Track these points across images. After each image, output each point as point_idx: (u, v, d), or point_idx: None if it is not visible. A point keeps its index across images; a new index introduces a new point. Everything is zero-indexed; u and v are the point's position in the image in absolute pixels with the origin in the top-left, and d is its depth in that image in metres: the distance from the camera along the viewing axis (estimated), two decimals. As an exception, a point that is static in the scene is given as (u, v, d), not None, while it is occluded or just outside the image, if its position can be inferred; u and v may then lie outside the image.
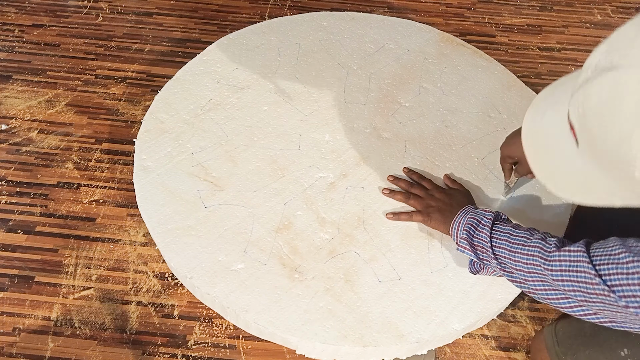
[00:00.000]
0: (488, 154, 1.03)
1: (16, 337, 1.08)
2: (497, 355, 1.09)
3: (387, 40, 1.24)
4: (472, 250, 0.79)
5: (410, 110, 1.09)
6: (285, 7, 1.84)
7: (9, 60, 1.60)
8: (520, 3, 1.93)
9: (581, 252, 0.65)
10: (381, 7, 1.86)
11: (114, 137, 1.43)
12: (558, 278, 0.67)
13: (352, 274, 0.85)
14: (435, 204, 0.90)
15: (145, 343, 1.08)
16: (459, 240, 0.81)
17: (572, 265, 0.65)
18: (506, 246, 0.75)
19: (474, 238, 0.79)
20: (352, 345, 0.78)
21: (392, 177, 0.97)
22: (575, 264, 0.65)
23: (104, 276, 1.17)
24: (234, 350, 1.08)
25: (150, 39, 1.69)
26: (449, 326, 0.81)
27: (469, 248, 0.80)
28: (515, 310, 1.15)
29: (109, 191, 1.32)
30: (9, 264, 1.18)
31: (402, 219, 0.91)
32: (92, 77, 1.57)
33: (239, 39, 1.21)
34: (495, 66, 1.20)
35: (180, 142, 1.01)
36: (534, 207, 0.96)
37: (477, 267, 0.82)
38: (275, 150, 1.00)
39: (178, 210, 0.91)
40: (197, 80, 1.11)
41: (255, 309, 0.81)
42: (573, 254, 0.66)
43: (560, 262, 0.67)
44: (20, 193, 1.30)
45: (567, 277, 0.66)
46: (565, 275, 0.66)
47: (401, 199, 0.94)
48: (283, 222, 0.90)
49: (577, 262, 0.65)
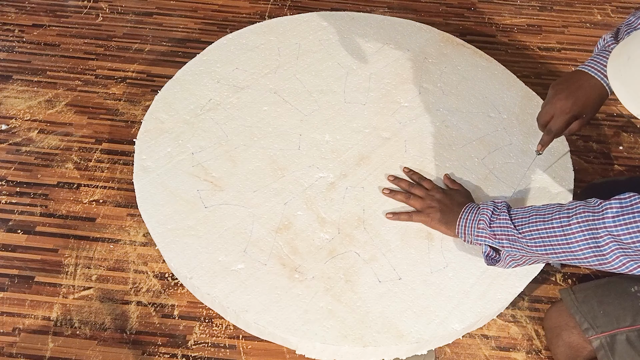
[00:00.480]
0: (488, 154, 1.03)
1: (16, 337, 1.08)
2: (497, 355, 1.09)
3: (387, 40, 1.24)
4: (493, 238, 0.79)
5: (410, 110, 1.09)
6: (285, 7, 1.83)
7: (9, 60, 1.60)
8: (520, 3, 1.93)
9: (635, 196, 0.67)
10: (381, 7, 1.86)
11: (114, 137, 1.42)
12: (611, 224, 0.67)
13: (352, 274, 0.85)
14: (435, 204, 0.90)
15: (145, 343, 1.08)
16: (477, 231, 0.81)
17: (628, 209, 0.66)
18: (538, 219, 0.75)
19: (493, 226, 0.79)
20: (352, 345, 0.78)
21: (393, 177, 0.97)
22: (631, 207, 0.66)
23: (104, 276, 1.17)
24: (234, 350, 1.08)
25: (150, 39, 1.69)
26: (449, 326, 0.81)
27: (489, 237, 0.80)
28: (515, 310, 1.15)
29: (109, 191, 1.32)
30: (9, 264, 1.18)
31: (402, 219, 0.91)
32: (92, 77, 1.57)
33: (239, 39, 1.21)
34: (495, 66, 1.20)
35: (180, 142, 1.01)
36: (536, 199, 0.96)
37: (494, 258, 0.82)
38: (275, 150, 1.00)
39: (178, 210, 0.91)
40: (197, 80, 1.11)
41: (255, 309, 0.81)
42: (626, 200, 0.67)
43: (612, 208, 0.67)
44: (20, 193, 1.30)
45: (623, 221, 0.66)
46: (619, 220, 0.66)
47: (401, 199, 0.94)
48: (283, 222, 0.90)
49: (633, 204, 0.66)
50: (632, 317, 0.89)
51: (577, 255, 0.71)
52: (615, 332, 0.89)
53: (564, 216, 0.73)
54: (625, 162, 1.45)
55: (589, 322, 0.91)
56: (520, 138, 1.06)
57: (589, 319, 0.91)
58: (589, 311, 0.92)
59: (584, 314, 0.92)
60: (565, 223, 0.72)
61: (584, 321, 0.92)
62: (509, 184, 0.99)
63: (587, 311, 0.92)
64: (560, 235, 0.72)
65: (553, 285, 1.20)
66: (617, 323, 0.90)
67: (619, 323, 0.90)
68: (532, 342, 1.11)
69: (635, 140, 1.50)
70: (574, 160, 1.20)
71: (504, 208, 0.81)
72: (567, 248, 0.72)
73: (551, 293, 1.18)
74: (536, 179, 1.00)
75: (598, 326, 0.90)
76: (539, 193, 0.98)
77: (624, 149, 1.48)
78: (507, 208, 0.81)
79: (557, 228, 0.72)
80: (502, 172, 1.00)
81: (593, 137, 1.50)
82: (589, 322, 0.91)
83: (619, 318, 0.90)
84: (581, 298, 0.94)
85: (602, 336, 0.90)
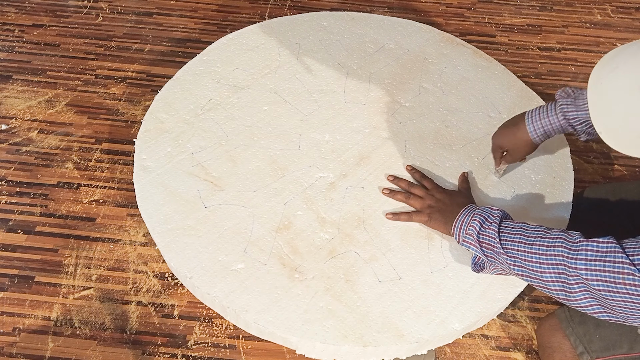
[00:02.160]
0: (488, 154, 1.03)
1: (16, 337, 1.08)
2: (497, 355, 1.09)
3: (387, 40, 1.24)
4: (478, 246, 0.79)
5: (410, 110, 1.09)
6: (285, 7, 1.84)
7: (9, 60, 1.60)
8: (520, 3, 1.93)
9: (612, 243, 0.66)
10: (381, 7, 1.86)
11: (114, 137, 1.43)
12: (582, 267, 0.66)
13: (352, 274, 0.85)
14: (435, 204, 0.90)
15: (145, 343, 1.08)
16: (464, 236, 0.81)
17: (601, 255, 0.66)
18: (521, 239, 0.75)
19: (480, 235, 0.79)
20: (352, 345, 0.78)
21: (392, 177, 0.97)
22: (605, 254, 0.65)
23: (104, 276, 1.17)
24: (234, 350, 1.08)
25: (150, 39, 1.69)
26: (449, 326, 0.81)
27: (475, 244, 0.79)
28: (515, 310, 1.15)
29: (109, 191, 1.32)
30: (9, 264, 1.18)
31: (402, 219, 0.91)
32: (92, 77, 1.57)
33: (239, 39, 1.21)
34: (495, 66, 1.20)
35: (180, 142, 1.01)
36: (535, 206, 0.96)
37: (480, 265, 0.82)
38: (275, 150, 1.00)
39: (178, 210, 0.91)
40: (197, 80, 1.11)
41: (255, 308, 0.81)
42: (603, 245, 0.66)
43: (588, 251, 0.67)
44: (20, 193, 1.30)
45: (593, 267, 0.66)
46: (590, 264, 0.66)
47: (401, 198, 0.93)
48: (283, 222, 0.90)
49: (608, 252, 0.65)
50: (629, 344, 0.87)
51: (548, 285, 0.71)
52: (610, 359, 0.87)
53: (543, 244, 0.72)
54: (625, 162, 1.45)
55: (584, 346, 0.89)
56: (520, 138, 1.06)
57: (585, 343, 0.89)
58: (585, 334, 0.90)
59: (580, 336, 0.90)
60: (543, 252, 0.72)
61: (579, 344, 0.89)
62: (509, 184, 0.99)
63: (582, 334, 0.90)
64: (536, 262, 0.72)
65: (553, 285, 1.20)
66: (613, 349, 0.87)
67: (615, 349, 0.87)
68: (532, 342, 1.11)
69: (635, 140, 1.50)
70: (574, 160, 1.20)
71: (497, 219, 0.79)
72: (540, 276, 0.72)
73: (551, 293, 1.18)
74: (536, 179, 1.00)
75: (593, 351, 0.88)
76: (539, 193, 0.98)
77: (624, 149, 1.48)
78: (500, 219, 0.80)
79: (534, 254, 0.72)
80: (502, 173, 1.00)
81: (593, 137, 1.50)
82: (584, 346, 0.89)
83: (615, 344, 0.88)
84: (577, 319, 0.92)
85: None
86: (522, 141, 0.93)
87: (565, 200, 0.97)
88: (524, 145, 0.94)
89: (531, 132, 0.92)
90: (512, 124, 0.95)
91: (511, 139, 0.94)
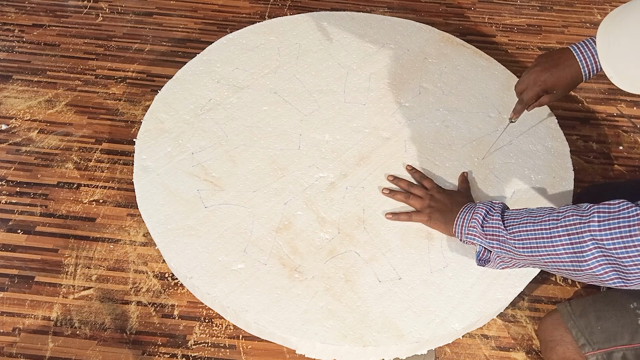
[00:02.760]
0: (488, 154, 1.03)
1: (16, 337, 1.08)
2: (497, 355, 1.09)
3: (387, 40, 1.24)
4: (483, 237, 0.80)
5: (410, 110, 1.09)
6: (285, 7, 1.84)
7: (9, 60, 1.60)
8: (520, 3, 1.93)
9: (624, 202, 0.67)
10: (381, 7, 1.86)
11: (114, 137, 1.43)
12: (596, 228, 0.67)
13: (352, 274, 0.85)
14: (435, 204, 0.90)
15: (145, 343, 1.08)
16: (468, 230, 0.82)
17: (615, 214, 0.66)
18: (528, 220, 0.75)
19: (485, 226, 0.80)
20: (352, 345, 0.78)
21: (392, 177, 0.97)
22: (618, 212, 0.66)
23: (104, 276, 1.17)
24: (234, 350, 1.08)
25: (150, 39, 1.69)
26: (449, 326, 0.81)
27: (479, 236, 0.80)
28: (515, 310, 1.15)
29: (109, 191, 1.32)
30: (9, 264, 1.18)
31: (402, 219, 0.91)
32: (92, 77, 1.57)
33: (239, 39, 1.21)
34: (495, 66, 1.20)
35: (180, 142, 1.01)
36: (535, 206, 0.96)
37: (485, 259, 0.82)
38: (275, 150, 1.00)
39: (178, 210, 0.91)
40: (197, 80, 1.11)
41: (255, 308, 0.81)
42: (614, 205, 0.67)
43: (600, 213, 0.68)
44: (20, 193, 1.30)
45: (607, 226, 0.66)
46: (604, 224, 0.67)
47: (401, 198, 0.94)
48: (283, 222, 0.90)
49: (621, 209, 0.66)
50: (630, 335, 0.88)
51: (561, 258, 0.72)
52: (612, 350, 0.88)
53: (552, 219, 0.73)
54: (625, 162, 1.45)
55: (586, 338, 0.90)
56: (520, 138, 1.06)
57: (586, 335, 0.90)
58: (586, 326, 0.91)
59: (581, 329, 0.91)
60: (553, 225, 0.72)
61: (581, 337, 0.90)
62: (509, 184, 0.99)
63: (584, 326, 0.91)
64: (547, 238, 0.72)
65: (553, 285, 1.20)
66: (615, 340, 0.88)
67: (616, 340, 0.88)
68: (532, 342, 1.11)
69: (635, 140, 1.50)
70: (574, 160, 1.20)
71: (499, 209, 0.81)
72: (552, 251, 0.72)
73: (551, 293, 1.18)
74: (536, 179, 1.00)
75: (595, 342, 0.89)
76: (539, 193, 0.98)
77: (624, 149, 1.48)
78: (502, 209, 0.81)
79: (544, 230, 0.73)
80: (502, 172, 1.00)
81: (593, 137, 1.50)
82: (585, 338, 0.90)
83: (616, 335, 0.89)
84: (578, 312, 0.93)
85: (598, 353, 0.89)
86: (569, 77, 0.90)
87: (565, 200, 0.97)
88: (571, 82, 0.91)
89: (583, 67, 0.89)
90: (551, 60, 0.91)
91: (558, 75, 0.90)
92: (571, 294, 1.19)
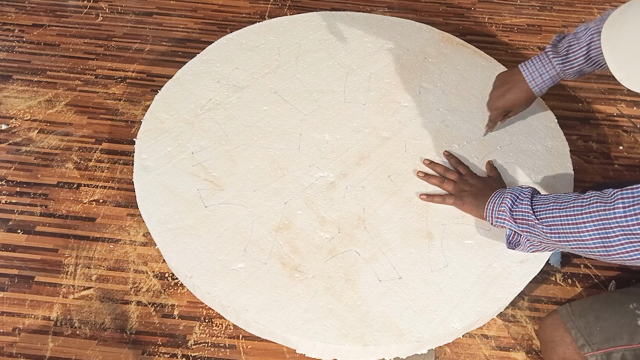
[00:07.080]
0: (488, 154, 1.03)
1: (16, 337, 1.08)
2: (497, 355, 1.09)
3: (387, 40, 1.24)
4: (513, 222, 0.81)
5: (410, 110, 1.10)
6: (285, 7, 1.84)
7: (9, 60, 1.60)
8: (520, 3, 1.93)
9: None
10: (381, 7, 1.86)
11: (114, 137, 1.43)
12: (621, 214, 0.68)
13: (352, 273, 0.85)
14: (468, 188, 0.92)
15: (145, 343, 1.08)
16: (498, 214, 0.83)
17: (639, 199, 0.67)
18: (555, 206, 0.77)
19: (513, 211, 0.81)
20: (352, 344, 0.78)
21: (429, 161, 0.99)
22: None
23: (104, 276, 1.17)
24: (234, 350, 1.08)
25: (150, 39, 1.69)
26: (449, 325, 0.81)
27: (509, 220, 0.81)
28: (515, 310, 1.15)
29: (109, 191, 1.32)
30: (9, 264, 1.18)
31: (436, 201, 0.94)
32: (92, 77, 1.57)
33: (239, 39, 1.21)
34: (495, 66, 1.20)
35: (180, 141, 1.01)
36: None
37: (515, 243, 0.84)
38: (275, 150, 1.00)
39: (178, 209, 0.91)
40: (197, 80, 1.11)
41: (256, 308, 0.81)
42: (638, 190, 0.68)
43: (624, 198, 0.69)
44: (20, 193, 1.30)
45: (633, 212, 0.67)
46: (630, 210, 0.67)
47: (435, 182, 0.96)
48: (283, 221, 0.90)
49: None
50: (629, 336, 0.89)
51: (587, 244, 0.73)
52: (611, 350, 0.89)
53: (578, 205, 0.74)
54: (625, 162, 1.45)
55: (585, 339, 0.91)
56: (520, 138, 1.06)
57: (585, 336, 0.91)
58: (586, 327, 0.91)
59: (580, 329, 0.91)
60: (579, 212, 0.73)
61: (580, 337, 0.91)
62: (509, 184, 0.99)
63: (583, 327, 0.92)
64: (573, 224, 0.74)
65: (553, 285, 1.20)
66: (614, 341, 0.89)
67: (615, 341, 0.89)
68: (532, 342, 1.11)
69: (635, 140, 1.50)
70: (574, 160, 1.20)
71: (528, 194, 0.82)
72: (578, 237, 0.73)
73: (551, 293, 1.18)
74: (536, 179, 1.00)
75: (594, 343, 0.90)
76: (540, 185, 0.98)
77: (624, 149, 1.48)
78: (532, 194, 0.82)
79: (570, 216, 0.74)
80: (502, 172, 1.00)
81: (593, 137, 1.50)
82: (584, 339, 0.91)
83: (615, 336, 0.89)
84: (578, 312, 0.94)
85: (597, 353, 0.89)
86: (523, 97, 0.99)
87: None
88: (526, 100, 1.00)
89: (533, 87, 0.97)
90: (505, 83, 1.00)
91: (513, 97, 0.99)
92: (571, 294, 1.19)
